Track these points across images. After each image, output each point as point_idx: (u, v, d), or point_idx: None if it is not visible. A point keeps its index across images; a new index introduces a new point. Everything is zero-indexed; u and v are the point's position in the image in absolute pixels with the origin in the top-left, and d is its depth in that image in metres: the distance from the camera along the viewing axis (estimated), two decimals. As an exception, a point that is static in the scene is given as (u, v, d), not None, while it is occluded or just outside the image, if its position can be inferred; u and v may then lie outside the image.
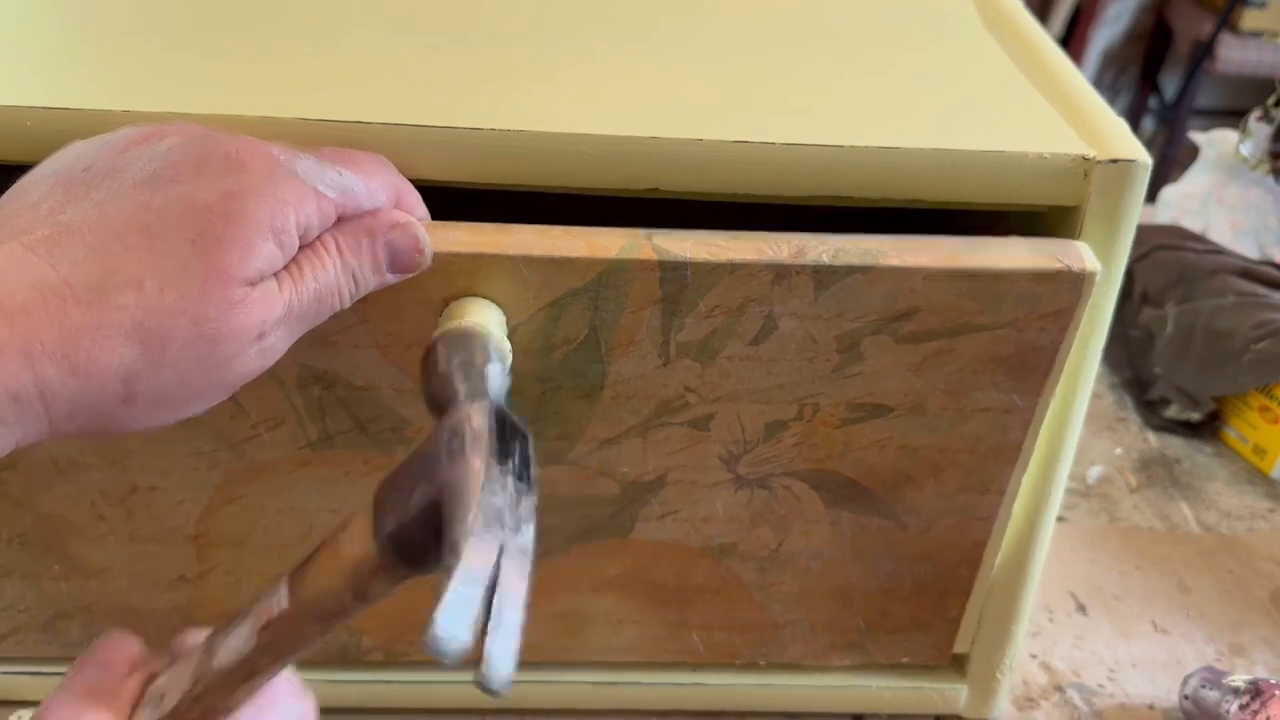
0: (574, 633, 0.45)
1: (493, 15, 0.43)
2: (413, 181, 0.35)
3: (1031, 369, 0.37)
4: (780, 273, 0.34)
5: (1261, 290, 0.68)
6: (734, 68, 0.41)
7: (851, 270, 0.34)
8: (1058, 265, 0.35)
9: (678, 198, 0.36)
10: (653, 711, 0.48)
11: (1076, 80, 0.41)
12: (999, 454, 0.39)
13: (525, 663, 0.46)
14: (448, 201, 0.35)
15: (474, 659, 0.24)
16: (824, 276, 0.34)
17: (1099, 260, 0.36)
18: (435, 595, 0.24)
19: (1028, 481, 0.41)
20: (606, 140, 0.34)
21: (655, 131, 0.35)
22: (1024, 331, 0.36)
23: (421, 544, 0.27)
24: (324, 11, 0.43)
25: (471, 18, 0.43)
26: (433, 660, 0.23)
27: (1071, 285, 0.35)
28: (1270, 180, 0.75)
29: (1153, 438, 0.68)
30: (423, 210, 0.33)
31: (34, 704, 0.46)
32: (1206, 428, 0.68)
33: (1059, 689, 0.51)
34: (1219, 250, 0.72)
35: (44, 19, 0.41)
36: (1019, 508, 0.42)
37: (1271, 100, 0.73)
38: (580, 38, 0.42)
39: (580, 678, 0.46)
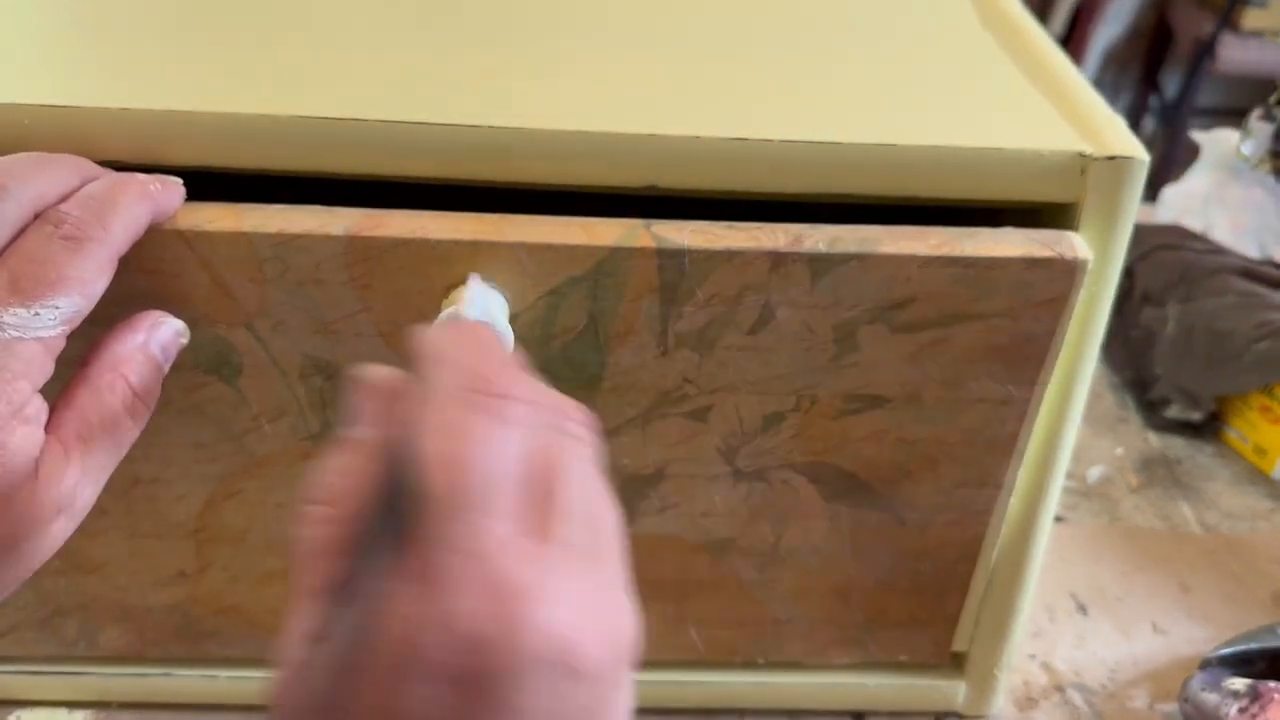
0: (573, 629, 0.45)
1: (490, 12, 0.44)
2: (411, 179, 0.35)
3: (1026, 359, 0.37)
4: (777, 260, 0.34)
5: (1263, 290, 0.68)
6: (731, 64, 0.41)
7: (847, 258, 0.35)
8: (1050, 253, 0.35)
9: (675, 195, 0.36)
10: (652, 710, 0.48)
11: (1073, 77, 0.41)
12: (995, 447, 0.40)
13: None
14: (445, 199, 0.36)
15: None
16: (820, 264, 0.35)
17: (1096, 256, 0.36)
18: None
19: (1025, 476, 0.41)
20: (604, 137, 0.35)
21: (653, 128, 0.35)
22: (1018, 320, 0.36)
23: None
24: (322, 9, 0.43)
25: (469, 15, 0.43)
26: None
27: (1064, 273, 0.35)
28: (1272, 180, 0.75)
29: (1154, 438, 0.68)
30: (136, 187, 0.31)
31: (33, 704, 0.46)
32: (1207, 428, 0.68)
33: (1059, 689, 0.51)
34: (1220, 250, 0.72)
35: (42, 15, 0.41)
36: (1016, 503, 0.42)
37: (1273, 99, 0.73)
38: (577, 35, 0.42)
39: (579, 675, 0.46)
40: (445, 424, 0.21)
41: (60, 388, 0.31)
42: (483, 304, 0.33)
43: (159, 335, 0.32)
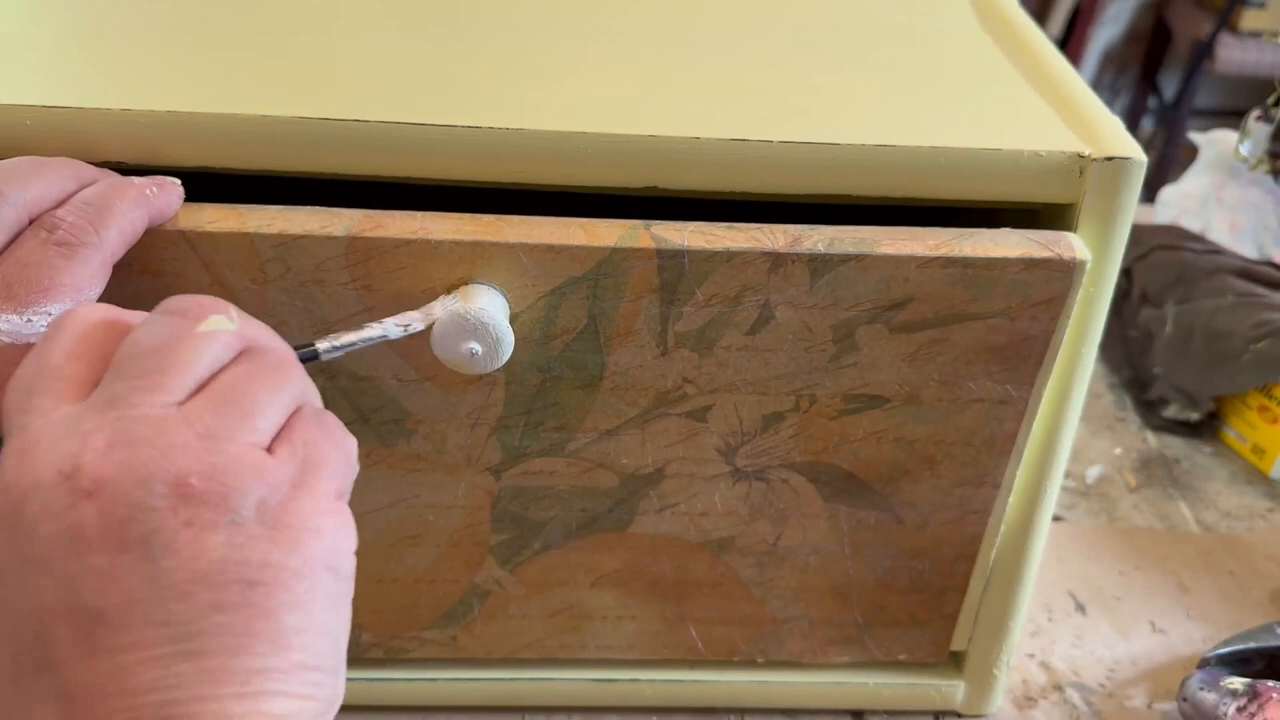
0: (573, 629, 0.45)
1: (491, 14, 0.44)
2: (413, 180, 0.35)
3: (1024, 359, 0.37)
4: (776, 261, 0.35)
5: (1260, 290, 0.68)
6: (731, 66, 0.41)
7: (846, 258, 0.35)
8: (1048, 253, 0.35)
9: (675, 196, 0.36)
10: (652, 709, 0.48)
11: (1072, 79, 0.41)
12: (994, 446, 0.40)
13: (525, 661, 0.47)
14: (446, 200, 0.36)
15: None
16: (819, 265, 0.35)
17: (1094, 256, 0.36)
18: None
19: (1023, 476, 0.41)
20: (605, 138, 0.35)
21: (653, 130, 0.35)
22: (1016, 320, 0.36)
23: None
24: (323, 10, 0.43)
25: (470, 16, 0.43)
26: (432, 658, 0.25)
27: (1062, 274, 0.35)
28: (1269, 180, 0.75)
29: (1152, 438, 0.68)
30: (133, 192, 0.32)
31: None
32: (1206, 427, 0.68)
33: (1058, 688, 0.51)
34: (1218, 250, 0.73)
35: (43, 17, 0.41)
36: (1015, 502, 0.42)
37: (1271, 100, 0.73)
38: (578, 36, 0.43)
39: (580, 675, 0.47)
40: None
41: None
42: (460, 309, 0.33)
43: None
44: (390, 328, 0.32)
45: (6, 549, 0.23)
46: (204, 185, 0.35)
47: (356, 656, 0.45)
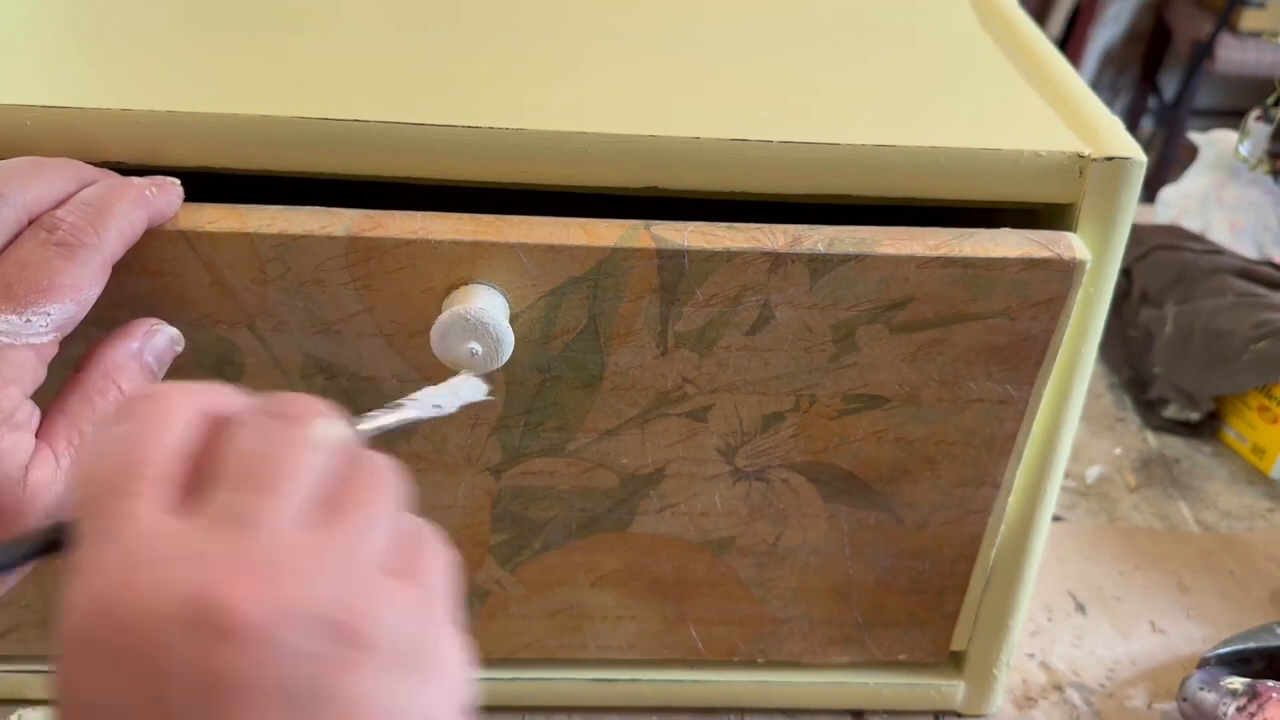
0: (573, 629, 0.45)
1: (491, 14, 0.44)
2: (413, 180, 0.35)
3: (1024, 359, 0.37)
4: (776, 261, 0.35)
5: (1260, 290, 0.68)
6: (731, 66, 0.41)
7: (846, 258, 0.35)
8: (1048, 253, 0.35)
9: (676, 196, 0.36)
10: (652, 709, 0.48)
11: (1072, 79, 0.41)
12: (994, 446, 0.40)
13: (525, 661, 0.47)
14: (447, 200, 0.36)
15: None
16: (819, 264, 0.35)
17: (1093, 256, 0.36)
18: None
19: (1023, 475, 0.41)
20: (605, 139, 0.35)
21: (653, 130, 0.35)
22: (1016, 320, 0.36)
23: None
24: (323, 10, 0.43)
25: (470, 16, 0.43)
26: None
27: (1062, 274, 0.35)
28: (1269, 180, 0.75)
29: (1152, 437, 0.68)
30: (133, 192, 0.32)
31: (34, 703, 0.46)
32: (1206, 427, 0.68)
33: (1058, 688, 0.51)
34: (1218, 250, 0.73)
35: (43, 17, 0.41)
36: (1015, 502, 0.42)
37: (1271, 100, 0.73)
38: (578, 36, 0.43)
39: (580, 675, 0.47)
40: (101, 430, 0.24)
41: (54, 391, 0.31)
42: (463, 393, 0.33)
43: (153, 343, 0.33)
44: (425, 408, 0.32)
45: (128, 685, 0.21)
46: (204, 185, 0.35)
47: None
